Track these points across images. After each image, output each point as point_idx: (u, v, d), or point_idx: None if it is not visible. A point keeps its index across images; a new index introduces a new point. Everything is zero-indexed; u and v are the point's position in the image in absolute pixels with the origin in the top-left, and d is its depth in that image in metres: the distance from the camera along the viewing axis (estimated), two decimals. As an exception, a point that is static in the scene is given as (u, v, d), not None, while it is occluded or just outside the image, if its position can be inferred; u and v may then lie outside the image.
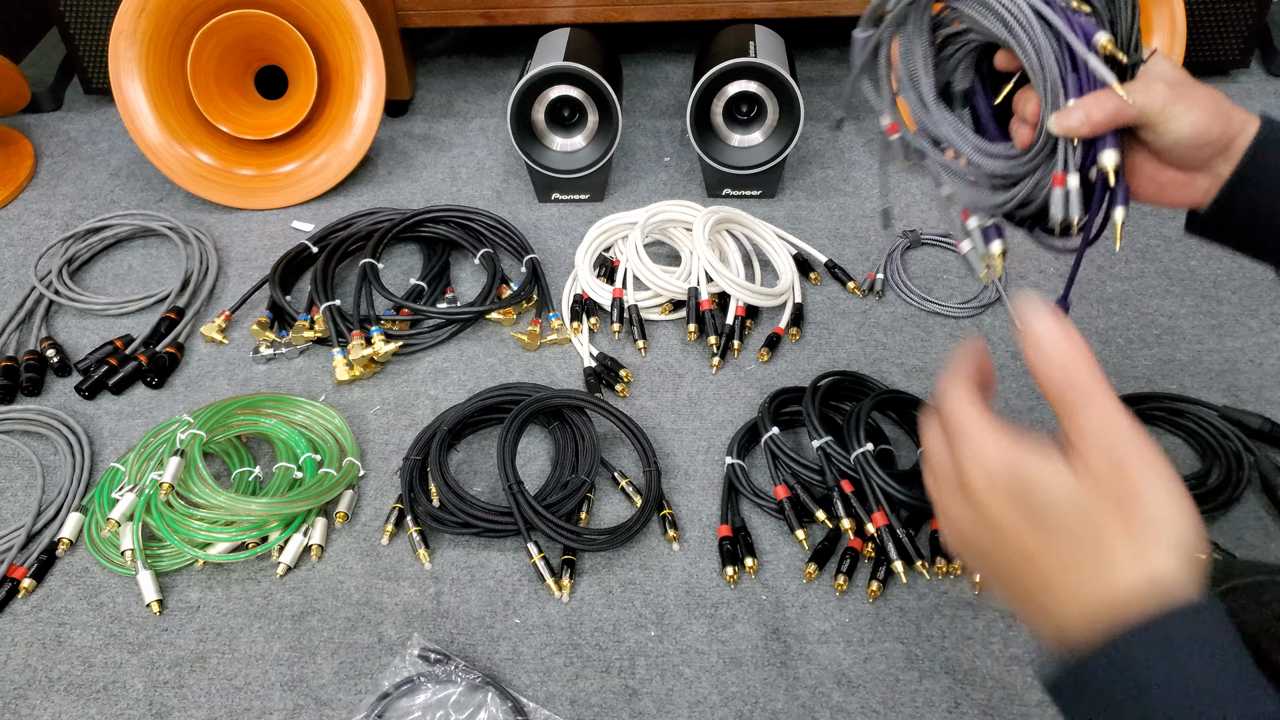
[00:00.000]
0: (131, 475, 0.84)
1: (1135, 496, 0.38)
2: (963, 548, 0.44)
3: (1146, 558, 0.37)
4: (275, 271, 1.06)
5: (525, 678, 0.72)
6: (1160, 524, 0.38)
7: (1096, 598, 0.38)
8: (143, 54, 1.15)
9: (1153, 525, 0.38)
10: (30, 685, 0.73)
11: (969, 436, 0.42)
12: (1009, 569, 0.42)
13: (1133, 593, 0.37)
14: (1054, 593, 0.40)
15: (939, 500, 0.45)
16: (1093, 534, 0.39)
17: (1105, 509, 0.38)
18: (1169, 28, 1.13)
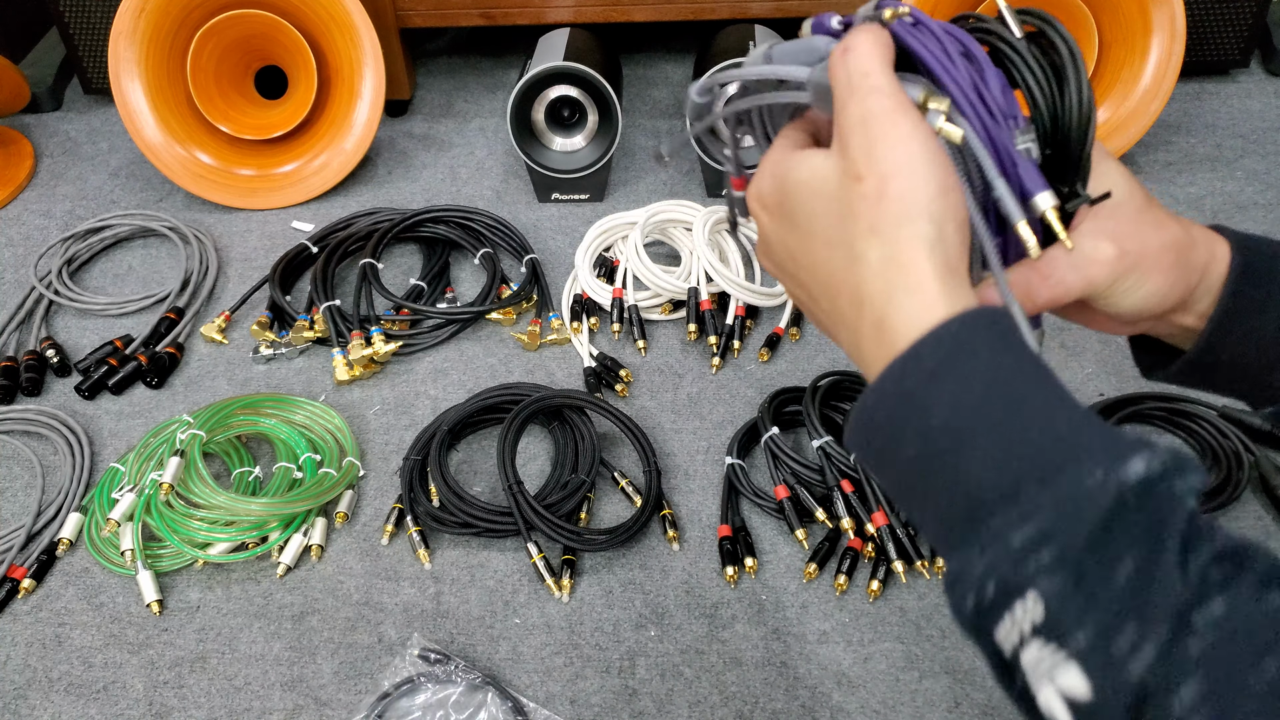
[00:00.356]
0: (131, 475, 0.84)
1: (883, 177, 0.35)
2: (772, 270, 0.43)
3: (894, 250, 0.34)
4: (275, 271, 1.06)
5: (525, 678, 0.72)
6: (900, 199, 0.34)
7: (862, 308, 0.35)
8: (142, 54, 1.15)
9: (894, 203, 0.34)
10: (30, 685, 0.73)
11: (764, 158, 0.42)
12: (799, 287, 0.41)
13: (883, 296, 0.34)
14: (831, 306, 0.38)
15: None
16: (840, 228, 0.36)
17: (855, 196, 0.35)
18: (1169, 27, 1.13)
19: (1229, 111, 1.34)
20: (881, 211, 0.35)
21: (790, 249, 0.40)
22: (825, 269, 0.38)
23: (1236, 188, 1.21)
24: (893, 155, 0.35)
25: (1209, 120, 1.32)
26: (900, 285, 0.34)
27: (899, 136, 0.35)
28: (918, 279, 0.34)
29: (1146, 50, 1.15)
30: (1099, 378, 0.96)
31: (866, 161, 0.35)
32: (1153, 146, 1.27)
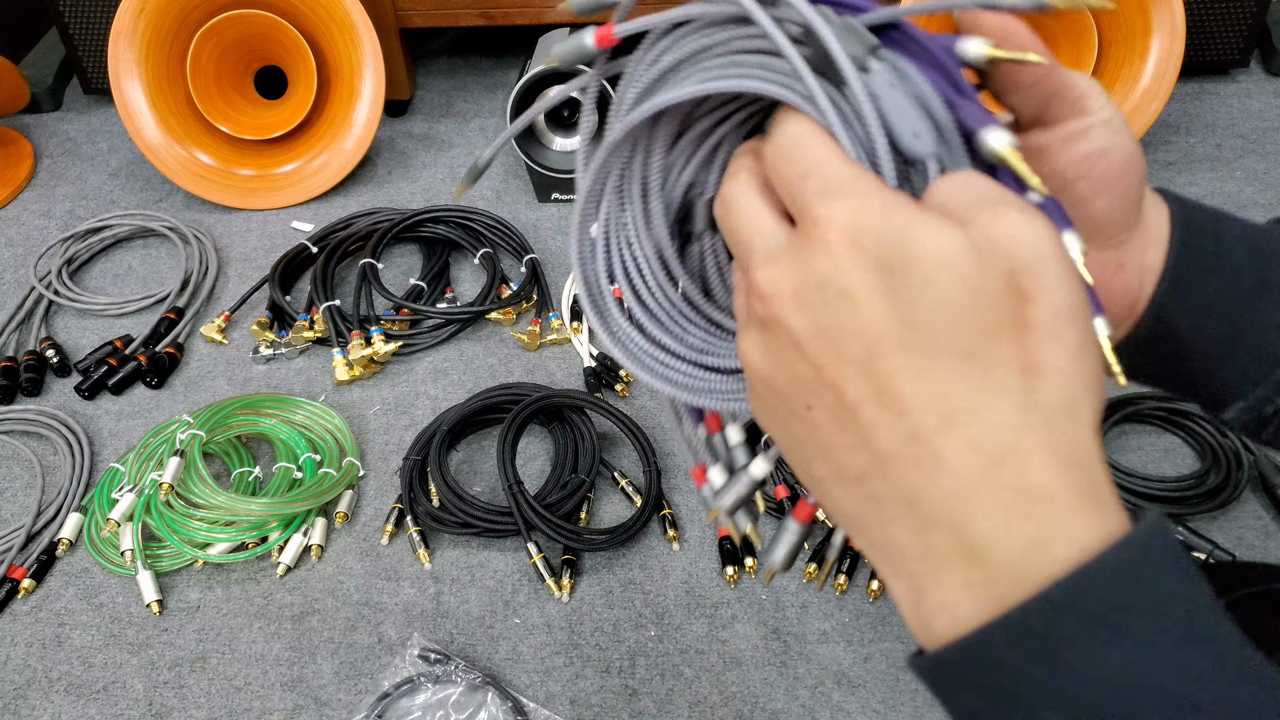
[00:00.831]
0: (131, 475, 0.84)
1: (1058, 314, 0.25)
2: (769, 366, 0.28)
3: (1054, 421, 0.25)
4: (275, 271, 1.06)
5: (525, 678, 0.72)
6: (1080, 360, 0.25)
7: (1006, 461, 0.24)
8: (142, 54, 1.15)
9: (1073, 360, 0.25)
10: (30, 685, 0.73)
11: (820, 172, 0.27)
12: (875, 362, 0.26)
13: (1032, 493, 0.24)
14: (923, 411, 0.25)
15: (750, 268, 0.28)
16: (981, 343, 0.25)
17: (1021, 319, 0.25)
18: (1169, 27, 1.13)
19: (1229, 111, 1.34)
20: (1055, 361, 0.25)
21: (883, 323, 0.25)
22: (941, 383, 0.25)
23: (1236, 187, 1.21)
24: (1070, 286, 0.25)
25: (1209, 120, 1.32)
26: (1063, 455, 0.25)
27: (1070, 268, 0.26)
28: (1086, 457, 0.25)
29: (1146, 50, 1.15)
30: (1099, 377, 0.95)
31: (1034, 280, 0.25)
32: (1153, 146, 1.27)
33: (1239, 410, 0.37)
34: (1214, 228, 0.36)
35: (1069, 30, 1.16)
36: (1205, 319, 0.36)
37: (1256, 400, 0.36)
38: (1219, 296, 0.35)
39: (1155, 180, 1.22)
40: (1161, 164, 1.24)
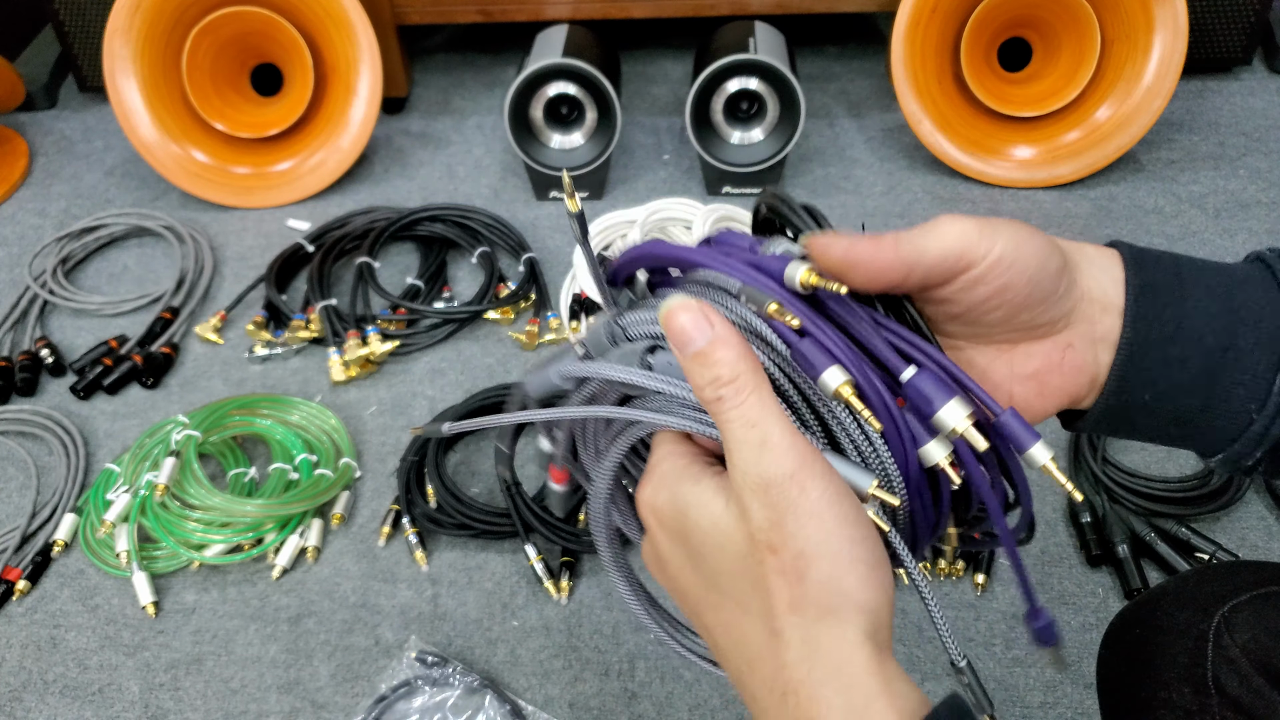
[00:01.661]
0: (127, 476, 0.83)
1: (800, 555, 0.30)
2: (663, 582, 0.38)
3: (820, 639, 0.30)
4: (271, 271, 1.05)
5: (523, 680, 0.72)
6: (825, 586, 0.30)
7: (785, 699, 0.31)
8: (138, 52, 1.15)
9: (818, 589, 0.30)
10: (25, 688, 0.73)
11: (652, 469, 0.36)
12: (701, 626, 0.35)
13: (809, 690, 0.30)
14: (743, 675, 0.33)
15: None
16: (755, 595, 0.31)
17: (770, 570, 0.30)
18: (1171, 25, 1.12)
19: (1232, 109, 1.33)
20: (804, 594, 0.30)
21: (692, 585, 0.34)
22: (738, 632, 0.32)
23: (1239, 185, 1.20)
24: (806, 532, 0.30)
25: (1212, 118, 1.32)
26: (833, 682, 0.30)
27: (810, 510, 0.30)
28: (851, 675, 0.30)
29: (1149, 48, 1.14)
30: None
31: (776, 534, 0.30)
32: (1155, 144, 1.26)
33: (1218, 462, 0.38)
34: (1177, 289, 0.35)
35: (1072, 28, 1.16)
36: (1170, 389, 0.35)
37: (1234, 454, 0.36)
38: (1182, 365, 0.35)
39: (1158, 178, 1.21)
40: (1164, 162, 1.24)
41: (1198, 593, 0.46)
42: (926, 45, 1.17)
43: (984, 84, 1.18)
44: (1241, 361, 0.34)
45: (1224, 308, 0.35)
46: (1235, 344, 0.34)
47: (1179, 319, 0.35)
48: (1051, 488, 0.84)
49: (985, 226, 0.34)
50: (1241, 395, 0.35)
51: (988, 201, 1.18)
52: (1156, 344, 0.35)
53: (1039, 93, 1.19)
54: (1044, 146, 1.20)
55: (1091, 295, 0.35)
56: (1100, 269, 0.36)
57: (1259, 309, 0.34)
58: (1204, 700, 0.43)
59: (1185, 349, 0.35)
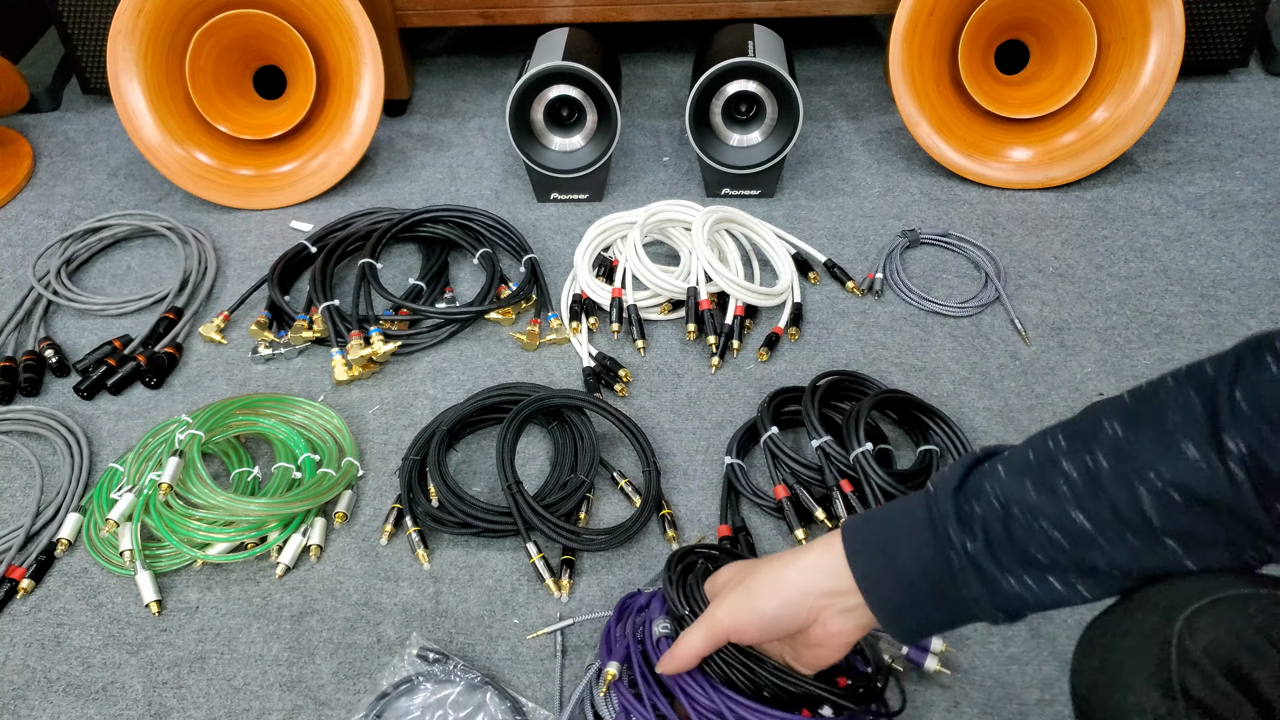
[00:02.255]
0: (130, 476, 0.84)
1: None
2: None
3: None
4: (274, 271, 1.06)
5: (524, 678, 0.72)
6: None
7: None
8: (141, 54, 1.15)
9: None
10: (29, 686, 0.73)
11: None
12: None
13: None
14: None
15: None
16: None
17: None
18: (1168, 27, 1.13)
19: (1228, 111, 1.34)
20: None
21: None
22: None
23: (1235, 187, 1.21)
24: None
25: (1208, 120, 1.32)
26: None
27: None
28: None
29: (1146, 50, 1.15)
30: (1098, 377, 0.96)
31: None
32: (1152, 146, 1.27)
33: None
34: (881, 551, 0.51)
35: (1069, 30, 1.16)
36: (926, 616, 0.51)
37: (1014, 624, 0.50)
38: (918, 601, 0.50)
39: (1155, 180, 1.22)
40: (1161, 164, 1.25)
41: (1162, 598, 0.46)
42: (924, 48, 1.17)
43: (981, 86, 1.18)
44: (943, 587, 0.49)
45: (917, 559, 0.49)
46: (931, 577, 0.49)
47: (897, 581, 0.50)
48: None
49: (713, 635, 0.56)
50: (965, 608, 0.49)
51: (984, 203, 1.19)
52: (896, 602, 0.50)
53: (1036, 95, 1.20)
54: (1041, 148, 1.20)
55: (825, 592, 0.52)
56: (824, 571, 0.52)
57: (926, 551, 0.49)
58: (1171, 704, 0.43)
59: (915, 596, 0.50)
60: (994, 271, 1.07)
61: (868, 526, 0.52)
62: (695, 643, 0.56)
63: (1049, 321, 1.02)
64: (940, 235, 1.13)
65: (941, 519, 0.48)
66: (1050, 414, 0.91)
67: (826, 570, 0.52)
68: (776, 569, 0.54)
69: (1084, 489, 0.45)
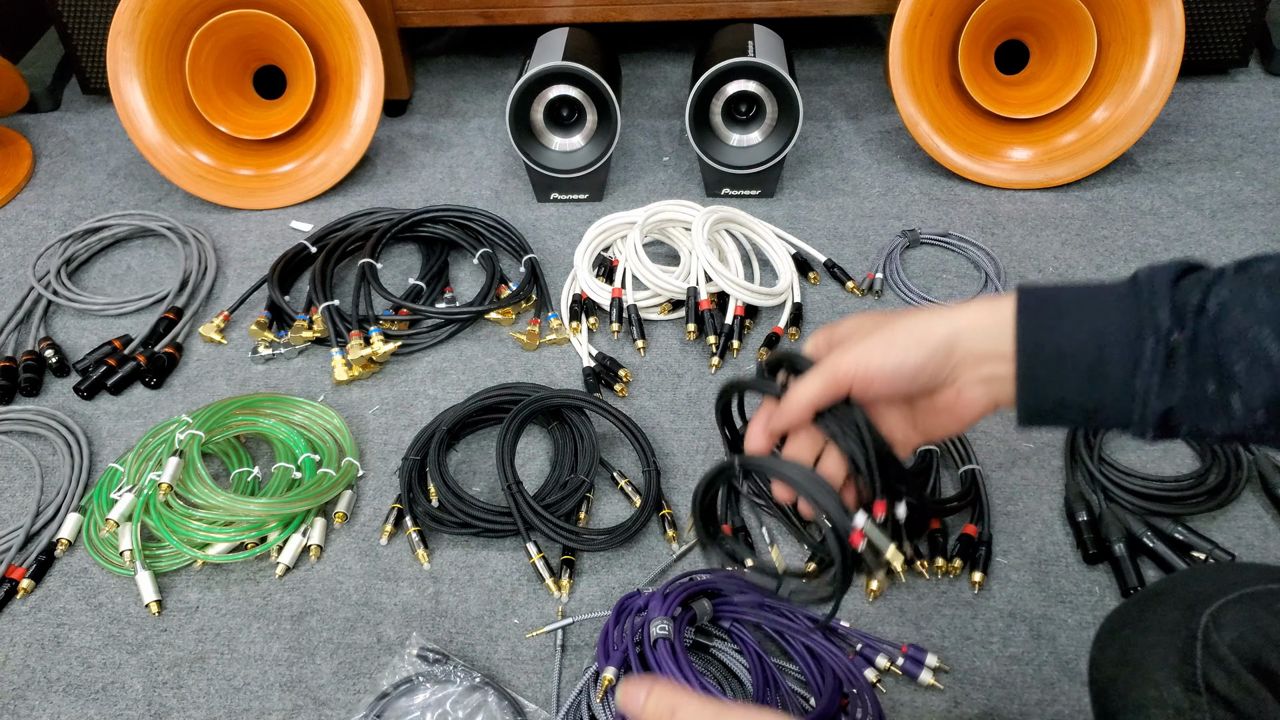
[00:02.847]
0: (130, 475, 0.84)
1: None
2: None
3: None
4: (274, 271, 1.06)
5: (524, 678, 0.72)
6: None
7: None
8: (141, 54, 1.15)
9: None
10: (29, 686, 0.73)
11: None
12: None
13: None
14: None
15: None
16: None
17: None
18: (1168, 27, 1.13)
19: (1228, 111, 1.34)
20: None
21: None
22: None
23: (1235, 187, 1.21)
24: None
25: (1208, 120, 1.32)
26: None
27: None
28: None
29: (1145, 50, 1.15)
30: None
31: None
32: (1152, 146, 1.27)
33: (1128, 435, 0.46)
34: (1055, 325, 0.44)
35: (1068, 30, 1.16)
36: (1062, 400, 0.45)
37: (1135, 433, 0.44)
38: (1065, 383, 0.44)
39: (1155, 180, 1.22)
40: (1161, 164, 1.25)
41: (1186, 593, 0.46)
42: (924, 48, 1.17)
43: (981, 86, 1.18)
44: (1110, 371, 0.43)
45: (1093, 332, 0.43)
46: (1103, 358, 0.43)
47: (1058, 345, 0.44)
48: (1049, 486, 0.84)
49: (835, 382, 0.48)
50: (1114, 399, 0.43)
51: (984, 203, 1.19)
52: (1041, 371, 0.44)
53: (1036, 95, 1.20)
54: (1041, 148, 1.20)
55: (974, 354, 0.46)
56: (983, 330, 0.46)
57: (1118, 329, 0.43)
58: (1194, 698, 0.43)
59: (1065, 370, 0.44)
60: (994, 271, 1.07)
61: (1054, 292, 0.46)
62: (810, 390, 0.48)
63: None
64: (940, 235, 1.13)
65: (1149, 304, 0.42)
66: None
67: (985, 330, 0.46)
68: (923, 320, 0.47)
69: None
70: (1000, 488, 0.84)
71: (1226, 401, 0.41)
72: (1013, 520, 0.82)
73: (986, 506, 0.82)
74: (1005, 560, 0.79)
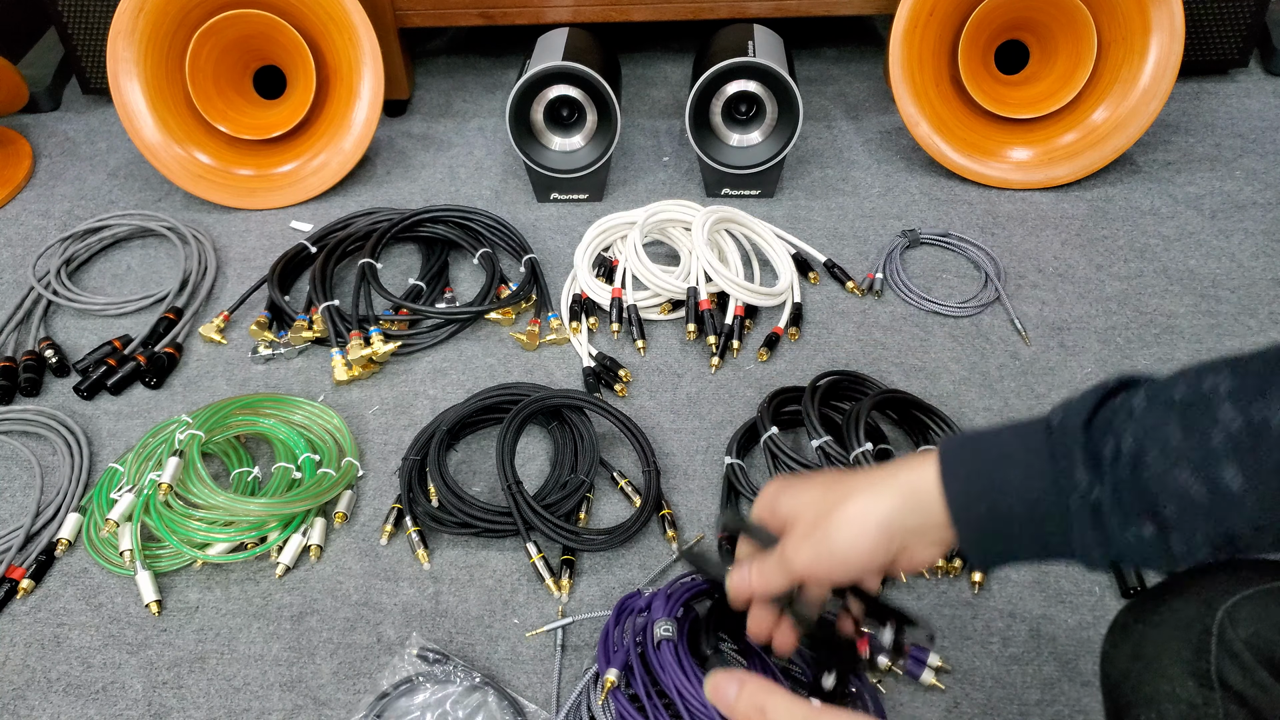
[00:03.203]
0: (130, 476, 0.84)
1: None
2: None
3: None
4: (274, 271, 1.06)
5: (524, 678, 0.72)
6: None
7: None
8: (141, 54, 1.15)
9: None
10: (29, 686, 0.73)
11: None
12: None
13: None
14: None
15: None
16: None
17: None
18: (1168, 27, 1.13)
19: (1228, 111, 1.34)
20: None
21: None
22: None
23: (1235, 187, 1.21)
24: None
25: (1208, 120, 1.32)
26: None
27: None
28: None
29: (1145, 50, 1.15)
30: (1098, 377, 0.96)
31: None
32: (1152, 146, 1.27)
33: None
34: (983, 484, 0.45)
35: (1069, 30, 1.16)
36: (1015, 553, 0.46)
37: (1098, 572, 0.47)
38: (1011, 539, 0.45)
39: (1155, 180, 1.22)
40: (1161, 164, 1.25)
41: (1201, 588, 0.46)
42: (924, 48, 1.17)
43: (981, 86, 1.18)
44: (1046, 528, 0.44)
45: (1020, 496, 0.44)
46: (1034, 517, 0.44)
47: (992, 512, 0.45)
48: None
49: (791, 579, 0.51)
50: (1060, 552, 0.44)
51: (984, 203, 1.19)
52: (983, 537, 0.46)
53: (1036, 95, 1.20)
54: (1041, 148, 1.20)
55: (915, 530, 0.47)
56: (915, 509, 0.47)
57: (1040, 489, 0.44)
58: (1208, 694, 0.43)
59: (1006, 531, 0.45)
60: (994, 271, 1.07)
61: (972, 452, 0.46)
62: (773, 584, 0.52)
63: (1049, 321, 1.02)
64: (940, 235, 1.13)
65: (1066, 456, 0.43)
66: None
67: (918, 506, 0.47)
68: (857, 508, 0.48)
69: (1246, 442, 0.38)
70: (1000, 488, 0.84)
71: (1167, 544, 0.41)
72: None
73: (986, 506, 0.82)
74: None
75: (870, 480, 0.49)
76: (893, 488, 0.48)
